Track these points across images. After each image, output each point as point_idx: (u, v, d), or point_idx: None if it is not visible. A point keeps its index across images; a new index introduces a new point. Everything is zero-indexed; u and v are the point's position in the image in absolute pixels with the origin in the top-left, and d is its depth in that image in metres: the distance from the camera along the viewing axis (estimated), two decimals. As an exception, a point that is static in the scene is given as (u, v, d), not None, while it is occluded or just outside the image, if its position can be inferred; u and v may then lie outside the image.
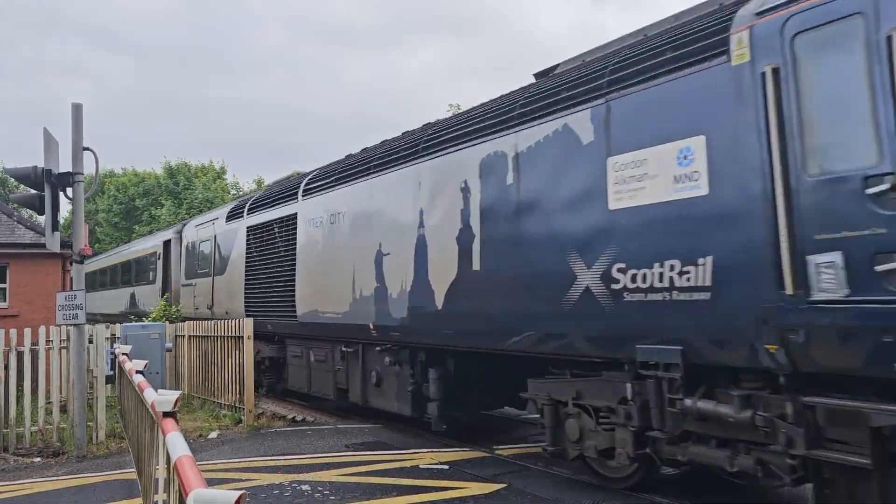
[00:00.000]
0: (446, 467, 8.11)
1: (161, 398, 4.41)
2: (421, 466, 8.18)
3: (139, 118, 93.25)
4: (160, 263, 21.30)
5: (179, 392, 4.44)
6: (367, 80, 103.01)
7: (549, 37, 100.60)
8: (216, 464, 8.62)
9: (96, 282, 31.06)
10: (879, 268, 4.59)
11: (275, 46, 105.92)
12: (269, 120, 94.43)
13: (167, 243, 20.43)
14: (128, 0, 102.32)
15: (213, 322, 12.99)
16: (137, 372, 7.23)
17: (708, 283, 5.58)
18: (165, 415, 4.24)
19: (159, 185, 47.96)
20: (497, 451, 8.92)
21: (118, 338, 11.94)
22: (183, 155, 75.92)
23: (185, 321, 15.04)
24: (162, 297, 20.27)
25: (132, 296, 24.62)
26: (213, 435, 10.75)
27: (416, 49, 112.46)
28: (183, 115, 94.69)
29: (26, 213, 25.79)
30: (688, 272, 5.72)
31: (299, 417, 11.99)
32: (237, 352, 11.88)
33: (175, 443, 3.50)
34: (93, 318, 21.55)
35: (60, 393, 11.09)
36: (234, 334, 12.03)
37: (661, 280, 5.93)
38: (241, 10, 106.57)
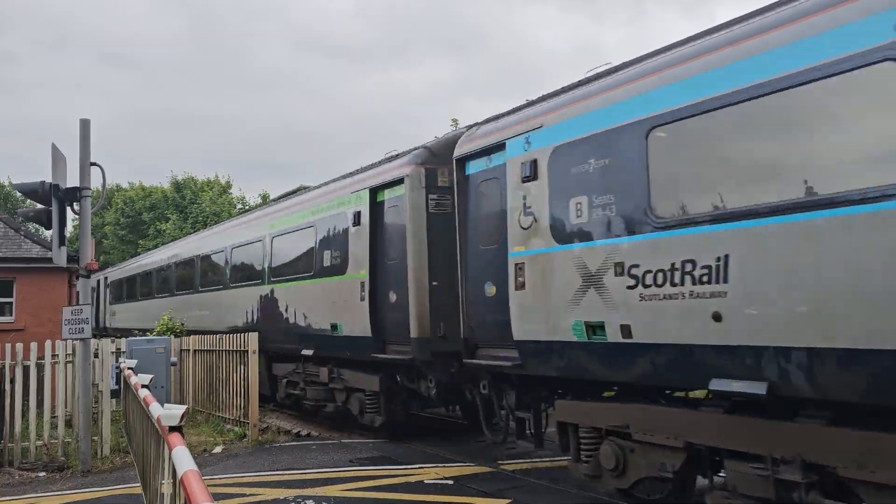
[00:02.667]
0: (451, 482, 8.10)
1: (167, 413, 4.42)
2: (426, 481, 8.16)
3: (146, 134, 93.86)
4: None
5: (185, 406, 4.45)
6: (371, 97, 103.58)
7: (550, 53, 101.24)
8: (221, 478, 8.62)
9: None
10: None
11: (280, 64, 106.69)
12: (274, 136, 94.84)
13: (105, 278, 31.31)
14: (135, 16, 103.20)
15: (218, 336, 13.01)
16: (143, 386, 7.25)
17: None
18: (171, 429, 4.24)
19: (166, 200, 48.15)
20: (501, 467, 8.89)
21: (123, 352, 11.97)
22: (189, 170, 76.24)
23: (190, 335, 15.06)
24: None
25: None
26: (218, 449, 10.75)
27: (419, 66, 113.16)
28: (189, 131, 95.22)
29: (33, 227, 25.95)
30: None
31: (304, 432, 11.97)
32: (242, 366, 11.89)
33: (181, 457, 3.51)
34: None
35: (66, 407, 11.11)
36: (238, 349, 12.05)
37: None
38: (246, 29, 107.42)
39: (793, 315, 4.83)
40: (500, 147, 7.88)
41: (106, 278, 30.87)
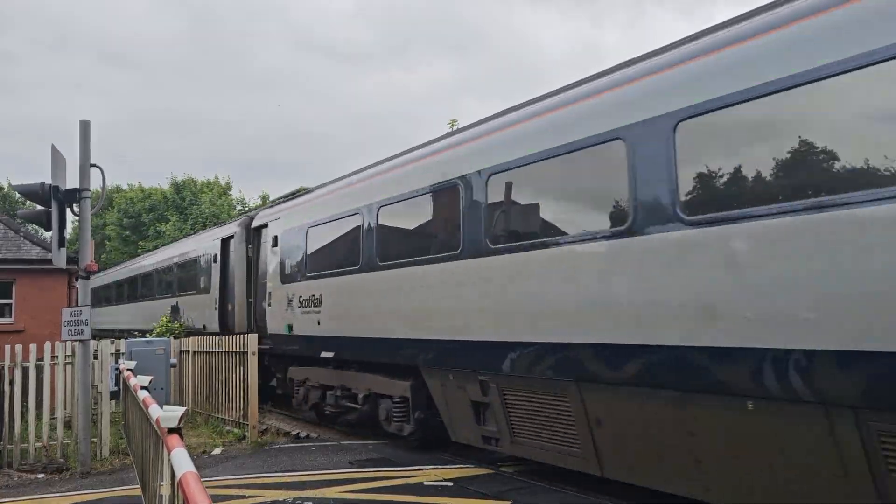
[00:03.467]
0: (450, 484, 8.09)
1: (166, 414, 4.41)
2: (425, 483, 8.15)
3: (146, 135, 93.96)
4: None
5: (185, 408, 4.44)
6: (371, 97, 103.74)
7: (549, 55, 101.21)
8: (220, 480, 8.61)
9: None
10: None
11: (280, 64, 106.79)
12: (274, 137, 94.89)
13: (260, 227, 14.87)
14: (135, 16, 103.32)
15: (217, 338, 12.98)
16: (142, 388, 7.24)
17: None
18: (170, 431, 4.24)
19: (165, 201, 48.20)
20: (501, 468, 8.88)
21: (123, 353, 11.96)
22: (189, 170, 76.26)
23: (189, 336, 15.03)
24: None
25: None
26: (217, 451, 10.74)
27: (418, 66, 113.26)
28: (189, 132, 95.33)
29: (33, 228, 25.92)
30: None
31: (303, 434, 11.96)
32: (241, 368, 11.88)
33: (180, 459, 3.51)
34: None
35: (65, 409, 11.10)
36: (238, 350, 12.03)
37: None
38: (246, 29, 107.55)
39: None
40: None
41: (259, 228, 14.66)
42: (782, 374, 5.03)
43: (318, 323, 11.43)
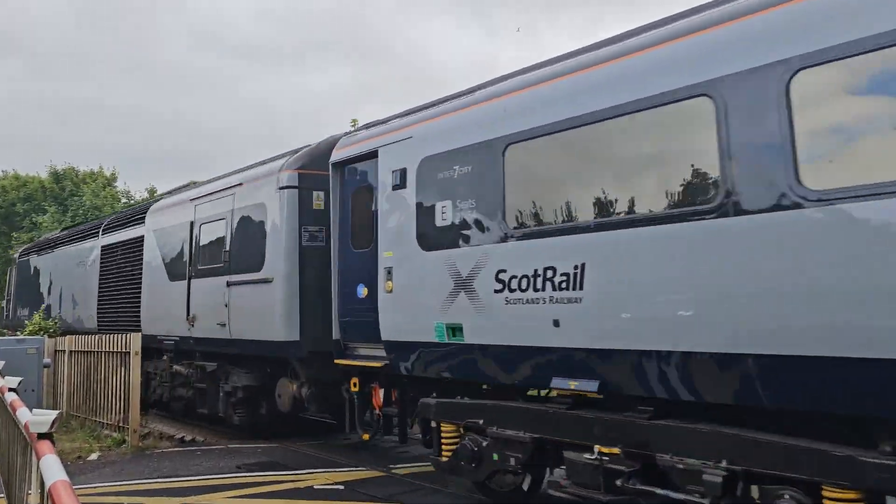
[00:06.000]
0: (341, 487, 8.01)
1: (36, 419, 4.16)
2: (315, 487, 8.03)
3: (28, 123, 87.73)
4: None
5: (58, 412, 4.20)
6: (267, 97, 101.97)
7: (445, 64, 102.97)
8: (96, 487, 8.17)
9: None
10: None
11: (175, 59, 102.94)
12: (166, 130, 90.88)
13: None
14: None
15: (97, 337, 12.34)
16: (10, 390, 6.77)
17: None
18: (40, 436, 4.00)
19: (43, 191, 45.32)
20: (393, 471, 8.88)
21: (-10, 353, 11.13)
22: (74, 162, 71.92)
23: (65, 335, 14.20)
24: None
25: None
26: (94, 457, 10.19)
27: (318, 70, 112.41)
28: (76, 122, 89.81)
29: None
30: None
31: (188, 437, 11.53)
32: (122, 368, 11.32)
33: (51, 466, 3.31)
34: None
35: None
36: (119, 350, 11.46)
37: None
38: (141, 22, 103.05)
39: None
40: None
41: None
42: None
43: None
